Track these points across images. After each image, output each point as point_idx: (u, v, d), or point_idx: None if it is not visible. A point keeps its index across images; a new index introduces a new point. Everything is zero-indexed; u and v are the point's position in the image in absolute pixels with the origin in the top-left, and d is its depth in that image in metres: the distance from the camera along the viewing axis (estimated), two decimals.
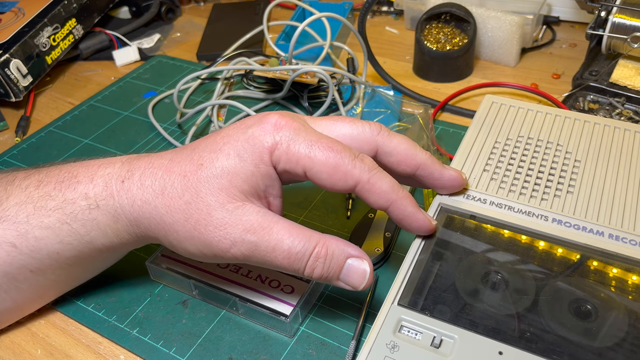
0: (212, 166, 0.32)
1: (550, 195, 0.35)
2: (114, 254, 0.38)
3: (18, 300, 0.37)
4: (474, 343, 0.27)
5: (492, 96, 0.44)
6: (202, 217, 0.32)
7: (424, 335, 0.28)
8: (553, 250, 0.32)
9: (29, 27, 0.64)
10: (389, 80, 0.60)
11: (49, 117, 0.63)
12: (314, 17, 0.55)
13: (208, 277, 0.39)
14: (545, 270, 0.31)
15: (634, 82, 0.52)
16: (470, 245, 0.33)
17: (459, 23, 0.62)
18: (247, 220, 0.31)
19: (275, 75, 0.56)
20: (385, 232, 0.42)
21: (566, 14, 0.70)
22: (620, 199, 0.35)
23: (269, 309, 0.36)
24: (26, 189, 0.35)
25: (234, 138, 0.33)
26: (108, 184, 0.34)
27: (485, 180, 0.37)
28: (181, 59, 0.72)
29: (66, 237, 0.34)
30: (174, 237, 0.33)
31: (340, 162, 0.31)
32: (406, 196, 0.32)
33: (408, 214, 0.32)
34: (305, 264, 0.32)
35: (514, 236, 0.33)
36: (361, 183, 0.31)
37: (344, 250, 0.32)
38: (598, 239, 0.32)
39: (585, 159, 0.38)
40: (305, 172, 0.32)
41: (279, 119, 0.32)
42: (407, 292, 0.30)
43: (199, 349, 0.36)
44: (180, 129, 0.58)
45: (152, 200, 0.33)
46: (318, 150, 0.31)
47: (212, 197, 0.32)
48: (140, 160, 0.35)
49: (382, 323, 0.29)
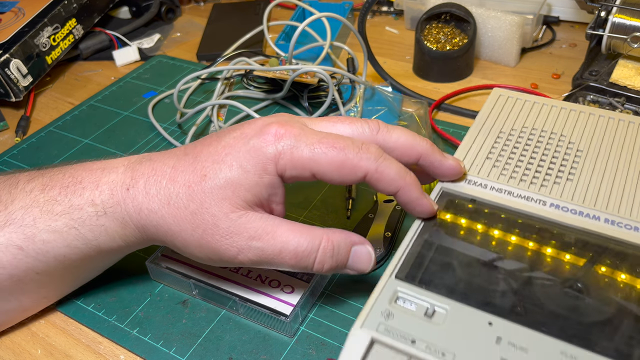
0: (215, 177, 0.32)
1: (550, 182, 0.36)
2: (120, 255, 0.39)
3: (23, 301, 0.37)
4: (465, 314, 0.28)
5: (499, 89, 0.45)
6: (209, 227, 0.32)
7: (418, 306, 0.29)
8: (548, 231, 0.33)
9: (29, 27, 0.64)
10: (389, 80, 0.60)
11: (49, 117, 0.63)
12: (314, 17, 0.55)
13: (208, 277, 0.39)
14: (539, 249, 0.32)
15: (634, 82, 0.52)
16: (468, 226, 0.34)
17: (459, 23, 0.62)
18: (251, 228, 0.32)
19: (275, 75, 0.56)
20: (385, 232, 0.42)
21: (566, 14, 0.70)
22: (619, 187, 0.35)
23: (269, 309, 0.37)
24: (31, 192, 0.35)
25: (235, 149, 0.33)
26: (114, 192, 0.35)
27: (488, 167, 0.38)
28: (181, 59, 0.72)
29: (73, 242, 0.35)
30: (182, 244, 0.34)
31: (345, 158, 0.32)
32: (413, 182, 0.33)
33: (414, 198, 0.33)
34: (313, 260, 0.33)
35: (510, 218, 0.34)
36: (369, 173, 0.32)
37: (348, 239, 0.34)
38: (594, 222, 0.33)
39: (587, 149, 0.38)
40: (314, 174, 0.32)
41: (278, 128, 0.33)
42: (405, 267, 0.31)
43: (199, 348, 0.36)
44: (180, 129, 0.58)
45: (159, 209, 0.33)
46: (321, 151, 0.32)
47: (216, 207, 0.32)
48: (142, 166, 0.35)
49: (379, 293, 0.30)
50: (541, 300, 0.29)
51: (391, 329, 0.28)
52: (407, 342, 0.27)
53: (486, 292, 0.30)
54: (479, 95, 0.60)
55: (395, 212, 0.43)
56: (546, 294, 0.29)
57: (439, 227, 0.34)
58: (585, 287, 0.30)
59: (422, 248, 0.33)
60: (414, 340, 0.27)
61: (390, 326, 0.28)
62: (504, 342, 0.27)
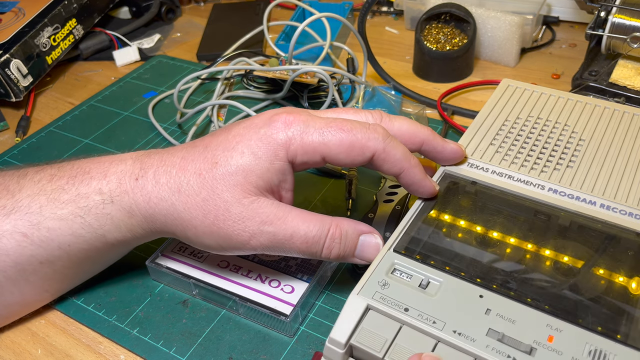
0: (227, 164, 0.33)
1: (550, 169, 0.37)
2: (124, 248, 0.39)
3: (25, 293, 0.37)
4: (458, 286, 0.30)
5: (508, 80, 0.46)
6: (220, 212, 0.33)
7: (413, 278, 0.31)
8: (543, 213, 0.34)
9: (29, 27, 0.64)
10: (388, 80, 0.60)
11: (49, 117, 0.63)
12: (314, 17, 0.56)
13: (208, 277, 0.39)
14: (533, 230, 0.33)
15: (634, 82, 0.52)
16: (467, 205, 0.35)
17: (459, 23, 0.62)
18: (263, 213, 0.33)
19: (275, 75, 0.56)
20: (385, 232, 0.42)
21: (566, 14, 0.70)
22: (617, 175, 0.36)
23: (269, 308, 0.37)
24: (39, 182, 0.36)
25: (246, 137, 0.34)
26: (122, 181, 0.35)
27: (491, 152, 0.39)
28: (181, 59, 0.72)
29: (78, 230, 0.35)
30: (192, 232, 0.34)
31: (354, 139, 0.33)
32: (416, 164, 0.34)
33: (417, 180, 0.34)
34: (322, 246, 0.33)
35: (508, 200, 0.35)
36: (377, 152, 0.33)
37: (356, 228, 0.35)
38: (589, 207, 0.34)
39: (589, 138, 0.39)
40: (324, 157, 0.33)
41: (287, 116, 0.34)
42: (403, 241, 0.33)
43: (199, 348, 0.36)
44: (181, 129, 0.58)
45: (169, 197, 0.34)
46: (330, 134, 0.33)
47: (228, 193, 0.33)
48: (151, 158, 0.36)
49: (377, 265, 0.31)
50: (531, 276, 0.31)
51: (386, 297, 0.30)
52: (400, 309, 0.29)
53: (479, 267, 0.31)
54: (478, 96, 0.60)
55: (395, 212, 0.43)
56: (536, 270, 0.31)
57: (438, 205, 0.35)
58: (574, 265, 0.31)
59: (421, 225, 0.34)
60: (407, 308, 0.29)
61: (386, 295, 0.30)
62: (493, 314, 0.28)
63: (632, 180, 0.35)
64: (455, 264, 0.31)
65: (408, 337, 0.28)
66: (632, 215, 0.33)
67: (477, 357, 0.27)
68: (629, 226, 0.32)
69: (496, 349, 0.27)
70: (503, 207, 0.35)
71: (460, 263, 0.31)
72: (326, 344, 0.29)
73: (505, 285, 0.30)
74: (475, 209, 0.35)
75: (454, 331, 0.28)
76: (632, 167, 0.36)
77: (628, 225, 0.32)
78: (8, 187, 0.36)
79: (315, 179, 0.50)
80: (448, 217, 0.35)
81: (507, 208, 0.35)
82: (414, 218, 0.34)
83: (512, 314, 0.28)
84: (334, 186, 0.49)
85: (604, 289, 0.29)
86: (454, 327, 0.28)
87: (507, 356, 0.26)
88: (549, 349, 0.26)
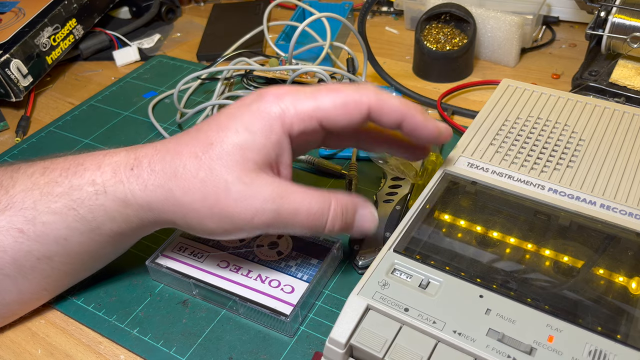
0: (222, 143, 0.33)
1: (549, 169, 0.37)
2: (122, 242, 0.38)
3: (24, 290, 0.37)
4: (458, 286, 0.30)
5: (508, 80, 0.46)
6: (221, 192, 0.32)
7: (413, 278, 0.31)
8: (543, 213, 0.34)
9: (29, 27, 0.64)
10: (388, 80, 0.60)
11: (49, 117, 0.63)
12: (314, 17, 0.56)
13: (208, 277, 0.39)
14: (532, 230, 0.33)
15: (634, 82, 0.52)
16: (467, 205, 0.35)
17: (459, 23, 0.62)
18: (264, 190, 0.32)
19: (275, 76, 0.56)
20: (385, 232, 0.42)
21: (566, 14, 0.70)
22: (617, 175, 0.36)
23: (269, 308, 0.37)
24: (32, 175, 0.36)
25: (239, 115, 0.33)
26: (116, 171, 0.35)
27: (491, 152, 0.39)
28: (181, 59, 0.72)
29: (73, 223, 0.35)
30: (192, 216, 0.33)
31: (346, 97, 0.33)
32: (416, 107, 0.33)
33: (420, 123, 0.33)
34: (326, 220, 0.33)
35: (508, 200, 0.35)
36: (372, 105, 0.33)
37: (353, 201, 0.35)
38: (589, 207, 0.34)
39: (589, 138, 0.39)
40: (321, 122, 0.33)
41: (276, 90, 0.34)
42: (403, 241, 0.33)
43: (199, 348, 0.36)
44: (181, 129, 0.58)
45: (165, 183, 0.33)
46: (322, 97, 0.33)
47: (227, 172, 0.32)
48: (145, 148, 0.36)
49: (377, 265, 0.31)
50: (531, 276, 0.31)
51: (386, 297, 0.30)
52: (400, 309, 0.29)
53: (479, 267, 0.31)
54: (477, 96, 0.60)
55: (395, 212, 0.43)
56: (536, 270, 0.31)
57: (438, 205, 0.35)
58: (574, 265, 0.31)
59: (421, 225, 0.34)
60: (407, 308, 0.29)
61: (386, 295, 0.30)
62: (493, 314, 0.28)
63: (632, 180, 0.35)
64: (455, 264, 0.31)
65: (408, 337, 0.28)
66: (632, 215, 0.33)
67: (477, 357, 0.27)
68: (629, 226, 0.32)
69: (496, 349, 0.27)
70: (503, 207, 0.35)
71: (460, 263, 0.32)
72: (326, 344, 0.29)
73: (505, 285, 0.30)
74: (475, 209, 0.35)
75: (454, 331, 0.28)
76: (632, 167, 0.36)
77: (628, 225, 0.32)
78: (2, 183, 0.36)
79: (315, 179, 0.50)
80: (448, 217, 0.35)
81: (507, 208, 0.35)
82: (414, 218, 0.35)
83: (512, 314, 0.28)
84: (334, 186, 0.49)
85: (604, 289, 0.30)
86: (454, 327, 0.28)
87: (507, 356, 0.26)
88: (549, 349, 0.26)
